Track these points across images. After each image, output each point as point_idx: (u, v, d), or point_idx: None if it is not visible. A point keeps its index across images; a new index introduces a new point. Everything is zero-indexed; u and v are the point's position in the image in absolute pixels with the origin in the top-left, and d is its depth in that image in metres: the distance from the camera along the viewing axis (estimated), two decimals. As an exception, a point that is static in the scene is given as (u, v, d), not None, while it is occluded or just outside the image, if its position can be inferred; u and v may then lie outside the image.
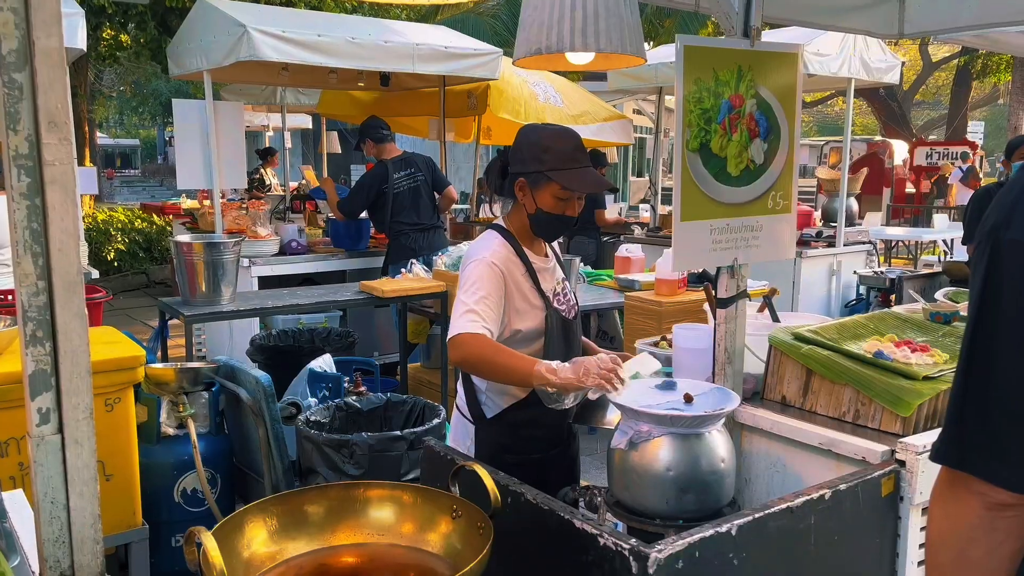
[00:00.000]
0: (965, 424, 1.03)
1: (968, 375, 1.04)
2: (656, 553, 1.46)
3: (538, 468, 2.28)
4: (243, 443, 3.26)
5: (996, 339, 0.99)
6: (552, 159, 2.17)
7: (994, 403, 1.00)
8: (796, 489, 1.79)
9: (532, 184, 2.20)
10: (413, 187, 5.52)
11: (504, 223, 2.32)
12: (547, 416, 2.26)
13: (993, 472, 1.01)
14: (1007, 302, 0.98)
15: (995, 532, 1.02)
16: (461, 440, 2.38)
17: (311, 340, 4.49)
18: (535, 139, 2.22)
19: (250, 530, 1.59)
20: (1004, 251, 0.98)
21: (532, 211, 2.23)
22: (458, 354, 2.09)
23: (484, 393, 2.30)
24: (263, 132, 14.10)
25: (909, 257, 11.06)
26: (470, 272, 2.18)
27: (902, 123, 18.89)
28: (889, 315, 2.59)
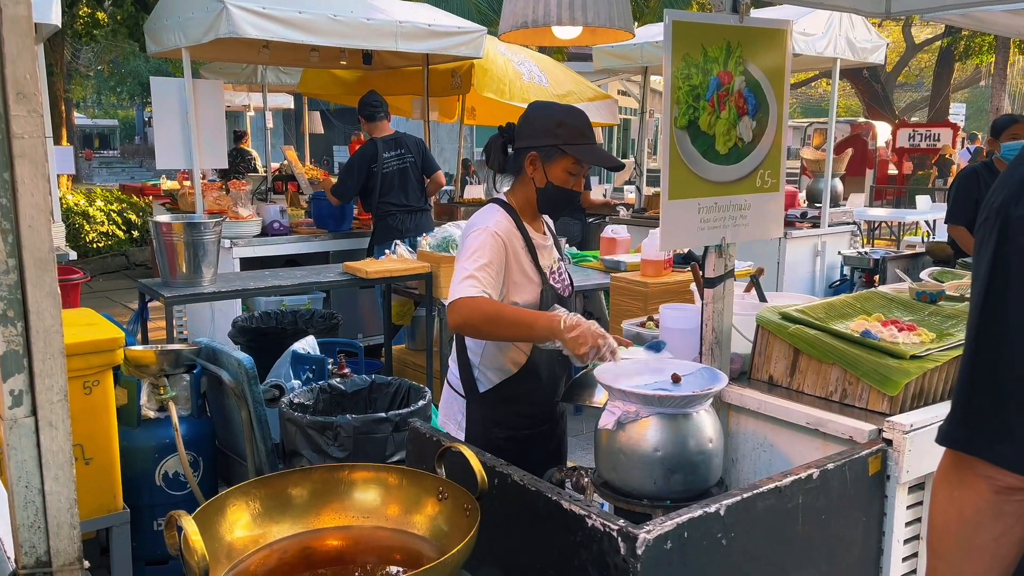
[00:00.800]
0: (973, 406, 1.01)
1: (976, 355, 1.01)
2: (645, 534, 1.45)
3: (527, 444, 2.29)
4: (226, 426, 3.22)
5: (1006, 318, 0.97)
6: (566, 133, 2.19)
7: (1003, 384, 0.98)
8: (783, 469, 1.78)
9: (545, 158, 2.21)
10: (402, 168, 5.46)
11: (506, 199, 2.32)
12: (539, 392, 2.30)
13: (1002, 455, 0.98)
14: (1016, 280, 0.95)
15: (1003, 517, 1.00)
16: (452, 416, 2.38)
17: (294, 322, 4.45)
18: (548, 114, 2.24)
19: (232, 513, 1.56)
20: (1013, 228, 0.95)
21: (542, 185, 2.23)
22: (458, 317, 2.07)
23: (478, 368, 2.30)
24: (244, 112, 13.91)
25: (892, 238, 11.13)
26: (472, 240, 2.18)
27: (885, 105, 18.95)
28: (876, 294, 2.58)
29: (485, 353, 2.27)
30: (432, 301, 4.23)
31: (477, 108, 7.92)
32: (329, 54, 6.56)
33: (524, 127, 2.25)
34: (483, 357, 2.28)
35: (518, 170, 2.28)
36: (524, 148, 2.23)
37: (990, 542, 1.01)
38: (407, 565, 1.53)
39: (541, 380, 2.30)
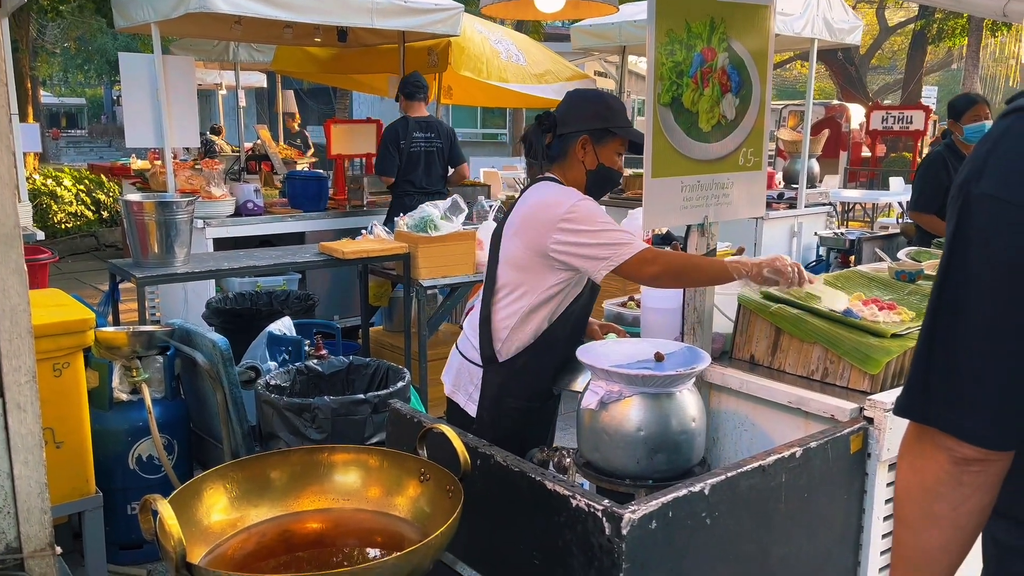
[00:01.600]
0: (931, 378, 1.02)
1: (934, 329, 1.02)
2: (630, 514, 1.43)
3: (530, 417, 2.34)
4: (200, 408, 3.17)
5: (964, 293, 0.98)
6: (616, 117, 2.27)
7: (960, 357, 0.99)
8: (764, 448, 1.78)
9: (596, 140, 2.27)
10: (428, 151, 5.46)
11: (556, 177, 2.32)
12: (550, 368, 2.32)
13: (958, 426, 1.00)
14: (975, 256, 0.96)
15: (961, 487, 1.01)
16: (463, 386, 2.41)
17: (269, 303, 4.39)
18: (594, 97, 2.33)
19: (209, 497, 1.53)
20: (974, 205, 0.96)
21: (593, 167, 2.28)
22: (657, 267, 2.09)
23: (501, 339, 2.30)
24: (216, 91, 13.67)
25: (866, 219, 11.23)
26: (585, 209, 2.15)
27: (859, 87, 19.06)
28: (855, 274, 2.59)
29: (515, 325, 2.28)
30: (410, 282, 4.19)
31: (454, 87, 7.83)
32: (303, 31, 6.44)
33: (571, 112, 2.30)
34: (512, 329, 2.28)
35: (564, 155, 2.30)
36: (574, 132, 2.27)
37: (949, 511, 1.02)
38: (389, 547, 1.51)
39: (555, 356, 2.30)
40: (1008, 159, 0.94)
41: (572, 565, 1.53)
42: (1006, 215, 0.93)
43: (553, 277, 2.22)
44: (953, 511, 1.02)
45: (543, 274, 2.22)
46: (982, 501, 1.02)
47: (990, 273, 0.95)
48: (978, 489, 1.01)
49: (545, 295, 2.24)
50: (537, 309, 2.25)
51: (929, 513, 1.04)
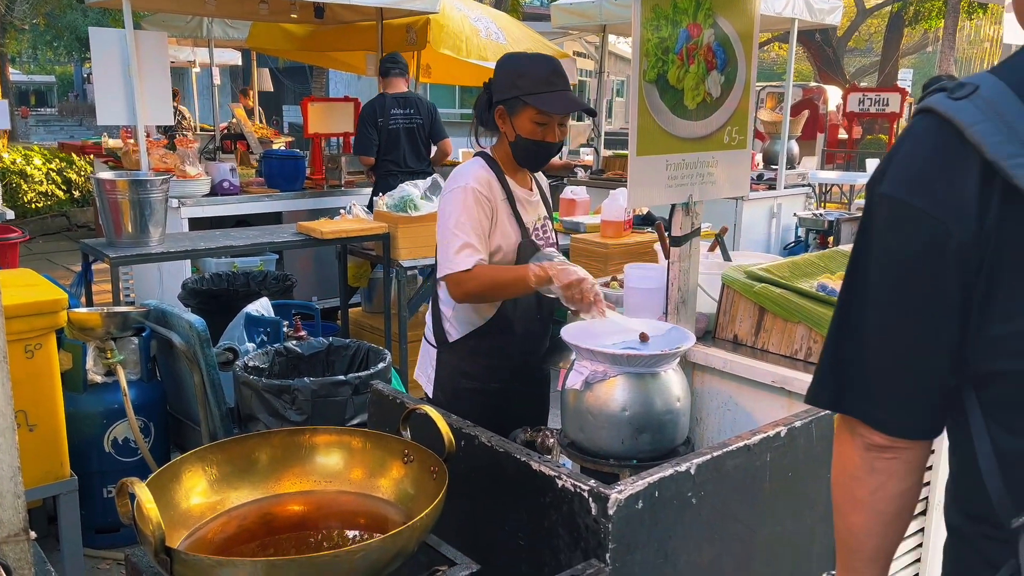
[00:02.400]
0: (841, 366, 1.04)
1: (841, 319, 1.04)
2: (616, 494, 1.42)
3: (497, 397, 2.30)
4: (178, 390, 3.12)
5: (863, 288, 1.00)
6: (527, 83, 2.15)
7: (862, 347, 1.01)
8: (748, 428, 1.78)
9: (510, 110, 2.19)
10: (408, 128, 5.35)
11: (490, 151, 2.30)
12: (510, 348, 2.30)
13: (867, 413, 1.02)
14: (873, 253, 0.99)
15: (875, 473, 1.03)
16: (424, 366, 2.42)
17: (247, 284, 4.33)
18: (511, 65, 2.22)
19: (188, 480, 1.50)
20: (874, 204, 0.98)
21: (512, 138, 2.22)
22: (461, 291, 2.14)
23: (449, 320, 2.31)
24: (189, 68, 13.42)
25: (843, 201, 11.31)
26: (453, 200, 2.17)
27: (836, 69, 19.14)
28: (839, 253, 2.59)
29: (456, 305, 2.27)
30: (390, 262, 4.15)
31: (433, 65, 7.74)
32: (279, 7, 6.33)
33: (494, 81, 2.24)
34: (454, 309, 2.29)
35: (495, 125, 2.25)
36: (496, 102, 2.22)
37: (867, 496, 1.05)
38: (372, 530, 1.49)
39: (513, 335, 2.29)
40: (907, 161, 0.95)
41: (558, 546, 1.52)
42: (901, 215, 0.94)
43: None
44: (871, 496, 1.04)
45: None
46: (899, 487, 1.04)
47: (886, 270, 0.97)
48: (892, 476, 1.03)
49: None
50: None
51: (851, 497, 1.07)
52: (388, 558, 1.30)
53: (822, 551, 1.95)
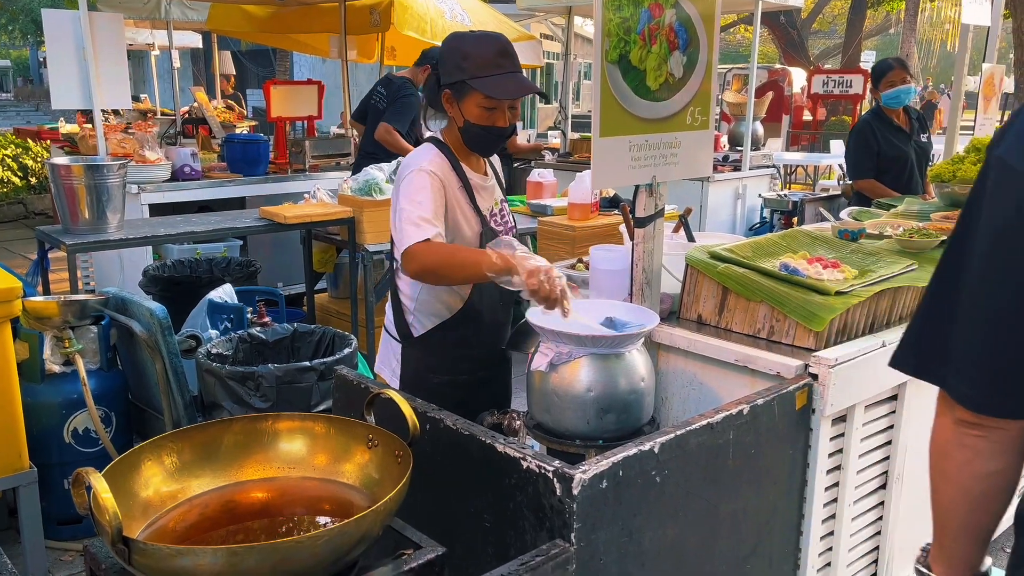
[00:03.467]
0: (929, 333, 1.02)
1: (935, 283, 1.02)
2: (580, 474, 1.43)
3: (465, 389, 2.25)
4: (139, 379, 3.07)
5: (964, 252, 0.98)
6: (472, 66, 2.06)
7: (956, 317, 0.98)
8: (712, 406, 1.79)
9: (457, 95, 2.12)
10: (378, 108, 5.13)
11: (441, 136, 2.22)
12: (477, 337, 2.25)
13: (951, 385, 1.00)
14: (979, 216, 0.97)
15: (963, 449, 1.01)
16: (387, 361, 2.34)
17: (209, 270, 4.26)
18: (456, 46, 2.11)
19: (147, 469, 1.48)
20: (989, 166, 0.97)
21: (461, 124, 2.14)
22: (415, 265, 2.00)
23: (412, 313, 2.24)
24: (149, 52, 13.11)
25: (808, 181, 11.44)
26: (410, 181, 2.08)
27: (800, 51, 19.28)
28: (800, 233, 2.62)
29: (419, 298, 2.21)
30: (355, 247, 4.11)
31: (397, 48, 7.64)
32: (239, -13, 6.20)
33: (440, 63, 2.14)
34: (417, 302, 2.22)
35: (443, 108, 2.19)
36: (442, 86, 2.14)
37: (955, 471, 1.03)
38: (337, 515, 1.48)
39: (481, 324, 2.25)
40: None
41: (523, 526, 1.53)
42: (1010, 180, 0.93)
43: None
44: (958, 471, 1.03)
45: None
46: (987, 466, 1.01)
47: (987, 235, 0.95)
48: (979, 454, 1.00)
49: None
50: None
51: (940, 470, 1.05)
52: (352, 543, 1.29)
53: (784, 525, 1.98)
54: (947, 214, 2.84)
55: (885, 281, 2.21)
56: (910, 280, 2.27)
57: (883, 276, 2.23)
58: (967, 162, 2.98)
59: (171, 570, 1.20)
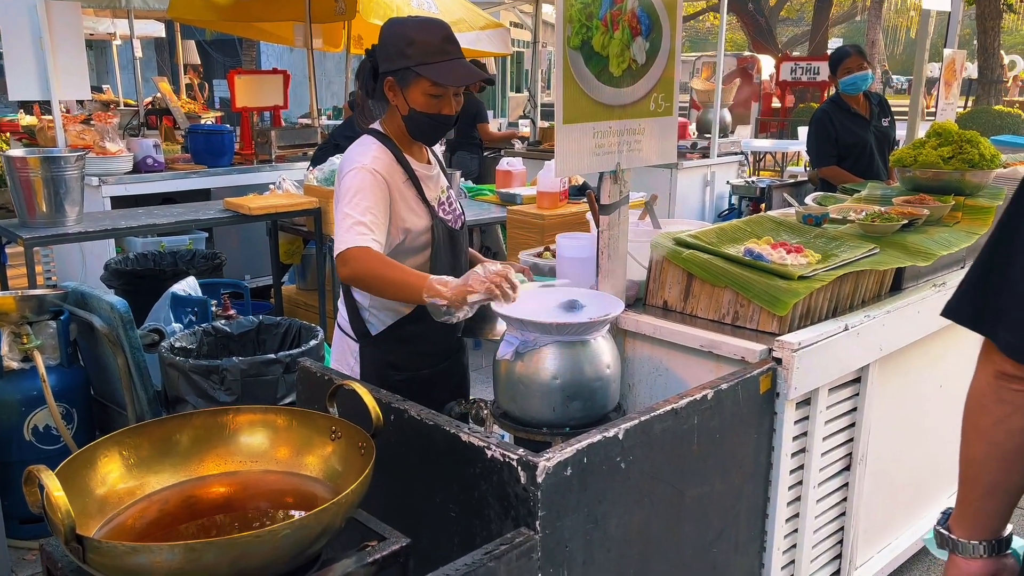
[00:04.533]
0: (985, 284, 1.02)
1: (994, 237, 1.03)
2: (544, 461, 1.43)
3: (427, 384, 2.22)
4: (101, 374, 3.02)
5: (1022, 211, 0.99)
6: (418, 52, 2.00)
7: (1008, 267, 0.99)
8: (679, 391, 1.80)
9: (401, 82, 2.04)
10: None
11: (381, 127, 2.15)
12: (435, 331, 2.19)
13: (999, 337, 1.00)
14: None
15: (1002, 404, 1.02)
16: (344, 360, 2.28)
17: (174, 263, 4.20)
18: (399, 32, 2.03)
19: (104, 465, 1.45)
20: None
21: (405, 112, 2.08)
22: (347, 270, 1.95)
23: (368, 310, 2.19)
24: (110, 41, 12.85)
25: (776, 168, 11.53)
26: (350, 181, 2.01)
27: (768, 39, 19.42)
28: (765, 218, 2.63)
29: (373, 296, 2.16)
30: (322, 238, 4.07)
31: (364, 36, 7.56)
32: (199, -25, 6.09)
33: (380, 49, 2.06)
34: (372, 299, 2.17)
35: (384, 97, 2.10)
36: (383, 73, 2.06)
37: (991, 426, 1.03)
38: (300, 508, 1.47)
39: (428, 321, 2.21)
40: None
41: (489, 516, 1.52)
42: None
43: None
44: (994, 426, 1.03)
45: None
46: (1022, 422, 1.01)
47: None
48: (1019, 409, 1.01)
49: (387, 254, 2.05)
50: None
51: (974, 425, 1.05)
52: (313, 536, 1.28)
53: (750, 509, 2.00)
54: (908, 198, 2.87)
55: (847, 265, 2.23)
56: (872, 264, 2.29)
57: (846, 260, 2.25)
58: (928, 147, 3.02)
59: (127, 568, 1.18)
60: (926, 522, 2.81)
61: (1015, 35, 31.98)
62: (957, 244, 2.62)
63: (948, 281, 2.55)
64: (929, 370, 2.61)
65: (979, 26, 13.94)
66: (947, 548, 1.18)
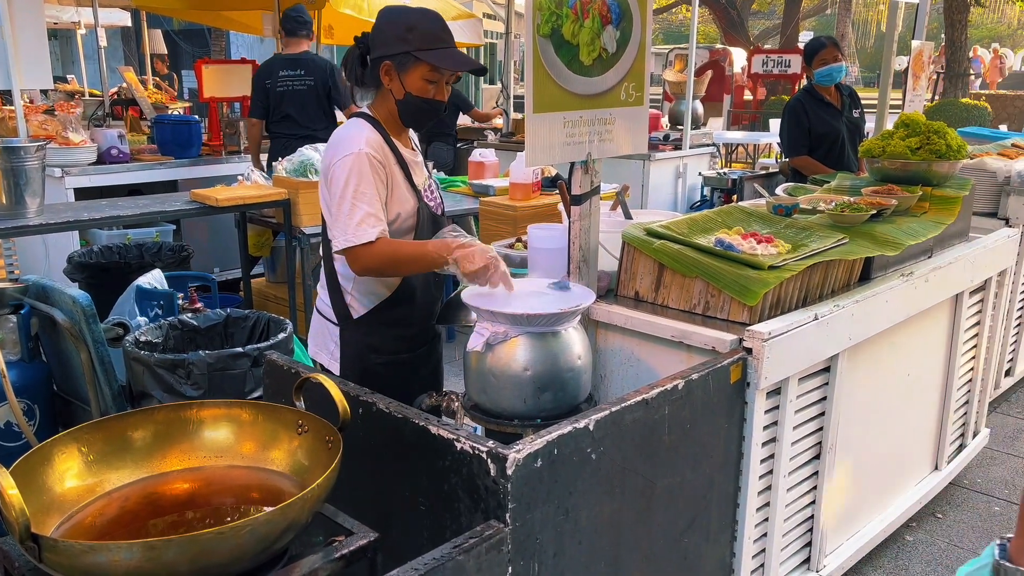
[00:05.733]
0: None
1: None
2: (515, 454, 1.41)
3: (406, 368, 2.25)
4: (64, 369, 2.95)
5: None
6: (418, 38, 2.03)
7: None
8: (650, 382, 1.79)
9: (399, 67, 2.07)
10: (299, 90, 5.01)
11: (370, 112, 2.16)
12: (415, 314, 2.24)
13: None
14: None
15: None
16: (324, 344, 2.29)
17: (140, 256, 4.12)
18: (399, 18, 2.07)
19: (62, 462, 1.41)
20: None
21: (401, 96, 2.10)
22: (360, 267, 2.03)
23: (350, 293, 2.20)
24: (75, 30, 12.58)
25: (748, 160, 11.61)
26: (348, 166, 2.01)
27: (740, 31, 19.52)
28: (736, 209, 2.64)
29: (357, 279, 2.16)
30: (291, 230, 4.02)
31: (335, 26, 7.48)
32: (165, -38, 5.98)
33: (376, 35, 2.09)
34: (355, 282, 2.18)
35: (377, 82, 2.12)
36: (378, 58, 2.08)
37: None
38: (266, 503, 1.44)
39: (415, 302, 2.23)
40: None
41: (459, 509, 1.51)
42: None
43: None
44: None
45: None
46: None
47: None
48: None
49: None
50: None
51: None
52: (278, 531, 1.25)
53: (721, 498, 2.00)
54: (877, 188, 2.89)
55: (817, 255, 2.23)
56: (841, 254, 2.31)
57: (815, 250, 2.26)
58: (896, 138, 3.04)
59: (84, 567, 1.15)
60: (895, 509, 2.84)
61: (982, 28, 32.48)
62: (924, 234, 2.65)
63: (915, 271, 2.58)
64: (896, 359, 2.64)
65: (947, 19, 14.12)
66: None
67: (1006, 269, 3.24)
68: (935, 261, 2.71)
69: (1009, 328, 4.06)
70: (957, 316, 2.95)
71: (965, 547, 2.96)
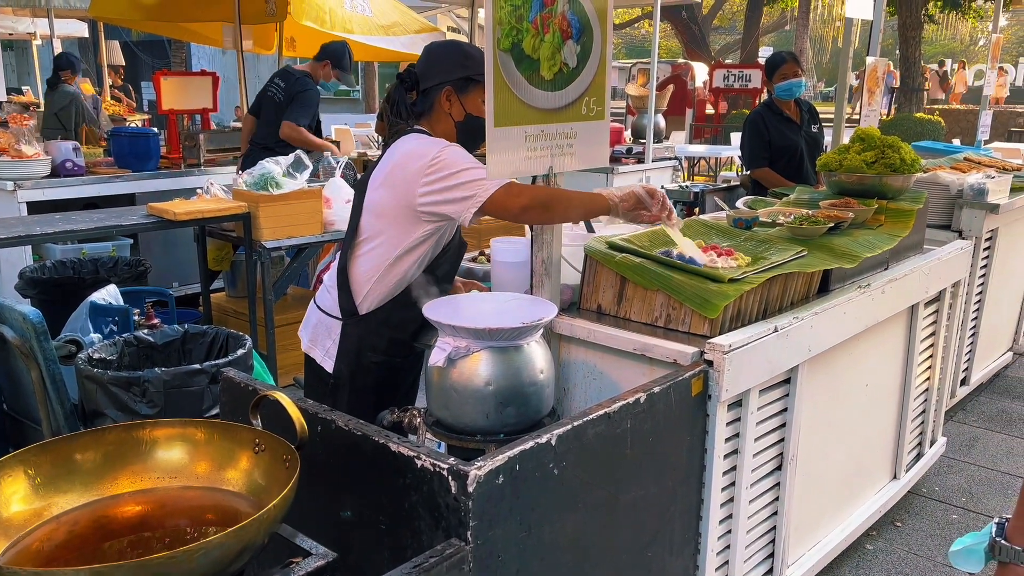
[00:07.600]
0: None
1: None
2: (476, 470, 1.40)
3: (396, 372, 2.33)
4: (14, 388, 2.86)
5: None
6: (475, 64, 2.21)
7: None
8: (613, 395, 1.79)
9: (459, 90, 2.25)
10: (274, 101, 4.95)
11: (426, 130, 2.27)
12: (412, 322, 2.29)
13: None
14: None
15: None
16: (320, 342, 2.35)
17: (95, 271, 4.03)
18: (454, 48, 2.32)
19: (7, 486, 1.36)
20: None
21: (460, 118, 2.26)
22: (523, 199, 2.06)
23: (365, 284, 2.26)
24: (31, 41, 12.34)
25: (710, 173, 11.76)
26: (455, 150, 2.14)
27: (702, 46, 19.84)
28: (696, 222, 2.66)
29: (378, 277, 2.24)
30: (251, 243, 3.96)
31: (297, 38, 7.43)
32: (122, -28, 5.89)
33: (431, 66, 2.28)
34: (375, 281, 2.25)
35: (431, 109, 2.28)
36: (436, 85, 2.25)
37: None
38: (221, 524, 1.40)
39: (415, 309, 2.23)
40: None
41: (419, 527, 1.48)
42: None
43: (419, 229, 2.20)
44: None
45: (408, 226, 2.19)
46: None
47: None
48: None
49: (409, 245, 2.21)
50: (401, 259, 2.23)
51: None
52: (233, 554, 1.22)
53: (684, 511, 2.01)
54: (834, 202, 2.94)
55: (777, 267, 2.26)
56: (800, 266, 2.33)
57: (775, 263, 2.28)
58: (852, 152, 3.10)
59: (28, 595, 1.11)
60: (855, 519, 2.87)
61: (935, 45, 33.38)
62: (880, 246, 2.69)
63: (872, 283, 2.62)
64: (855, 370, 2.67)
65: (901, 36, 14.49)
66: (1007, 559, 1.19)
67: (960, 280, 3.31)
68: (891, 273, 2.76)
69: (964, 338, 4.15)
70: (913, 327, 3.01)
71: (924, 555, 3.00)
